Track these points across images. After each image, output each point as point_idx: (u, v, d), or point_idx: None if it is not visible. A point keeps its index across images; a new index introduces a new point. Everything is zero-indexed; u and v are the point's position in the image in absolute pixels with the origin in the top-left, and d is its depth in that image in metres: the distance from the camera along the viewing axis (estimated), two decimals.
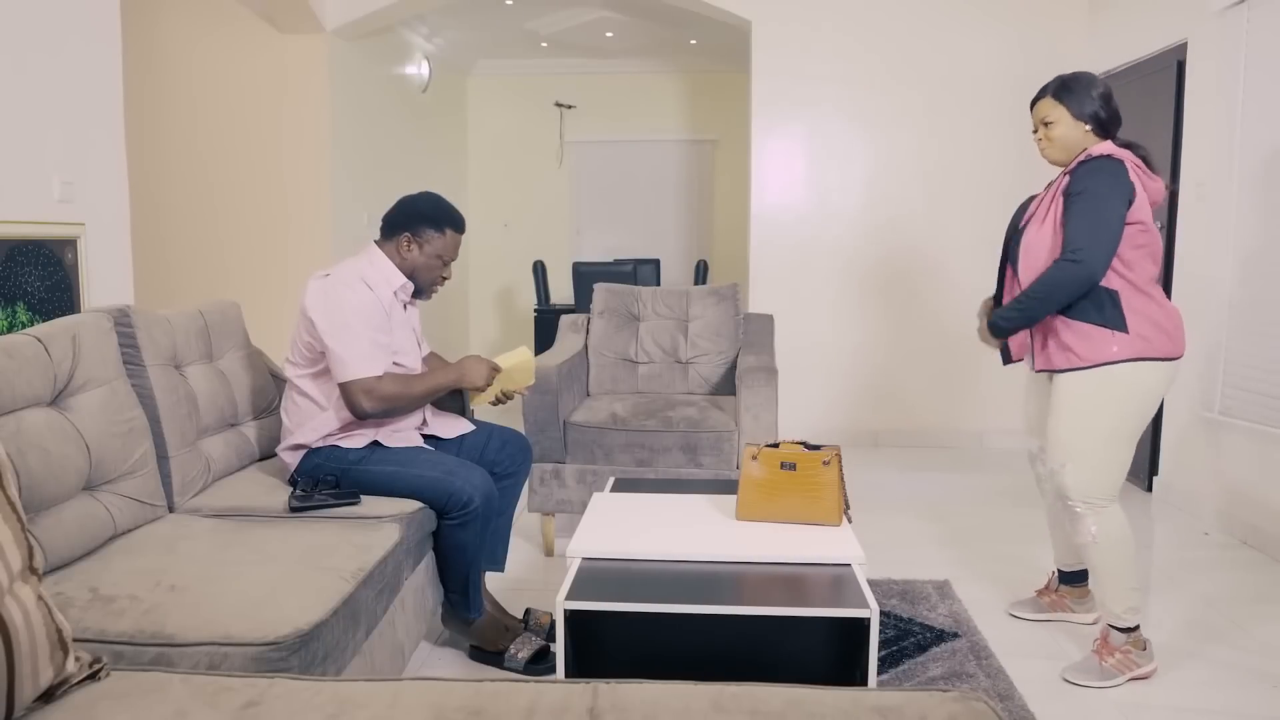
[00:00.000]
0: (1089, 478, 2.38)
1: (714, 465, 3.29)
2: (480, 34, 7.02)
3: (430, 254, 2.46)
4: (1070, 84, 2.41)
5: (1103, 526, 2.39)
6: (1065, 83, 2.42)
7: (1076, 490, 2.39)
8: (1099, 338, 2.32)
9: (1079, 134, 2.40)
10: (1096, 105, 2.38)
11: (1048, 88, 2.45)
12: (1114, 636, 2.40)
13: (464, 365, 2.47)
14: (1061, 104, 2.40)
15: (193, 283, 4.97)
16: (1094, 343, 2.33)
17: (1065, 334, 2.37)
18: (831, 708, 1.25)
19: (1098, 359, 2.32)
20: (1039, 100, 2.46)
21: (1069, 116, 2.40)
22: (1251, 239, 3.55)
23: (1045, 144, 2.45)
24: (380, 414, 2.35)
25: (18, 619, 1.20)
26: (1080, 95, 2.39)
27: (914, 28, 5.08)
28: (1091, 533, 2.39)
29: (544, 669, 2.39)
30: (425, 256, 2.45)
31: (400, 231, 2.44)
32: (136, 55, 4.26)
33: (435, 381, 2.43)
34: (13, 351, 1.83)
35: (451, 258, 2.51)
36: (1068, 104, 2.39)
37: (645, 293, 3.99)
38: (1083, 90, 2.39)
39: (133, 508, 2.05)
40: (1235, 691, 2.34)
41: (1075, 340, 2.35)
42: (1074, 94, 2.40)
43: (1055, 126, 2.41)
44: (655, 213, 8.17)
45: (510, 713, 1.24)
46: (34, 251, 2.93)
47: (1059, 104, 2.41)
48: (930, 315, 5.20)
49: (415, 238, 2.44)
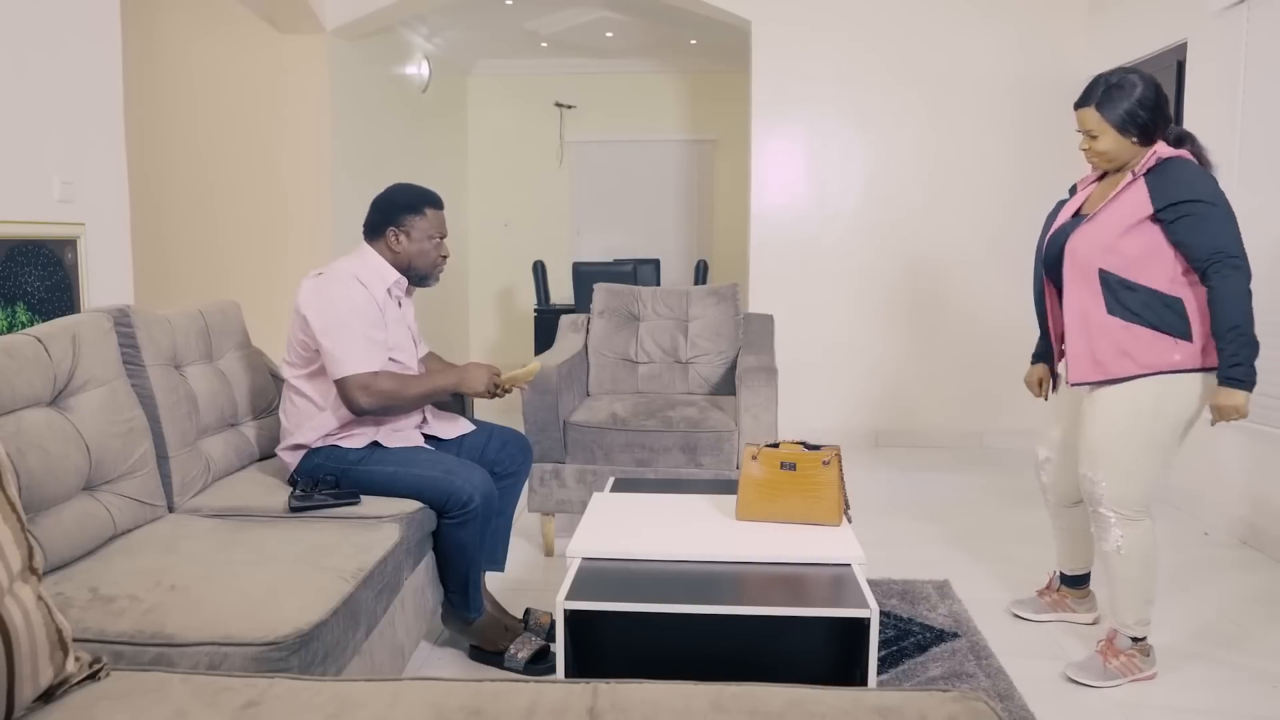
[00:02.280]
0: (1127, 490, 2.32)
1: (714, 465, 3.29)
2: (480, 34, 7.02)
3: (420, 238, 2.46)
4: (1113, 92, 2.27)
5: (1130, 538, 2.34)
6: (1108, 90, 2.28)
7: (1111, 499, 2.33)
8: (1161, 345, 2.24)
9: (1126, 146, 2.29)
10: (1141, 113, 2.25)
11: (1091, 94, 2.30)
12: (1120, 640, 2.39)
13: (466, 370, 2.48)
14: (1104, 117, 2.28)
15: (193, 283, 4.97)
16: (1156, 349, 2.25)
17: (1124, 339, 2.27)
18: (831, 708, 1.25)
19: (1158, 366, 2.25)
20: (1082, 108, 2.33)
21: (1112, 131, 2.28)
22: (1251, 239, 3.54)
23: (1093, 156, 2.35)
24: (377, 411, 2.36)
25: (18, 619, 1.20)
26: (1125, 107, 2.25)
27: (914, 28, 5.08)
28: (1118, 544, 2.34)
29: (544, 669, 2.39)
30: (416, 242, 2.46)
31: (384, 228, 2.45)
32: (136, 55, 4.26)
33: (435, 384, 2.43)
34: (13, 351, 1.83)
35: (442, 234, 2.52)
36: (1109, 115, 2.27)
37: (645, 293, 3.98)
38: (1124, 98, 2.25)
39: (133, 508, 2.05)
40: (1235, 692, 2.34)
41: (1135, 345, 2.26)
42: (1115, 103, 2.26)
43: (1101, 140, 2.30)
44: (655, 213, 8.17)
45: (510, 713, 1.24)
46: (34, 251, 2.93)
47: (1102, 117, 2.28)
48: (930, 315, 5.20)
49: (400, 228, 2.45)
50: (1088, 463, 2.38)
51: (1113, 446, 2.32)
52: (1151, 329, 2.26)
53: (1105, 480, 2.33)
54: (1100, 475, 2.34)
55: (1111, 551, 2.36)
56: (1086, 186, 2.52)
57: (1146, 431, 2.29)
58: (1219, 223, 2.20)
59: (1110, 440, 2.33)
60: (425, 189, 2.52)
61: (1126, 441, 2.31)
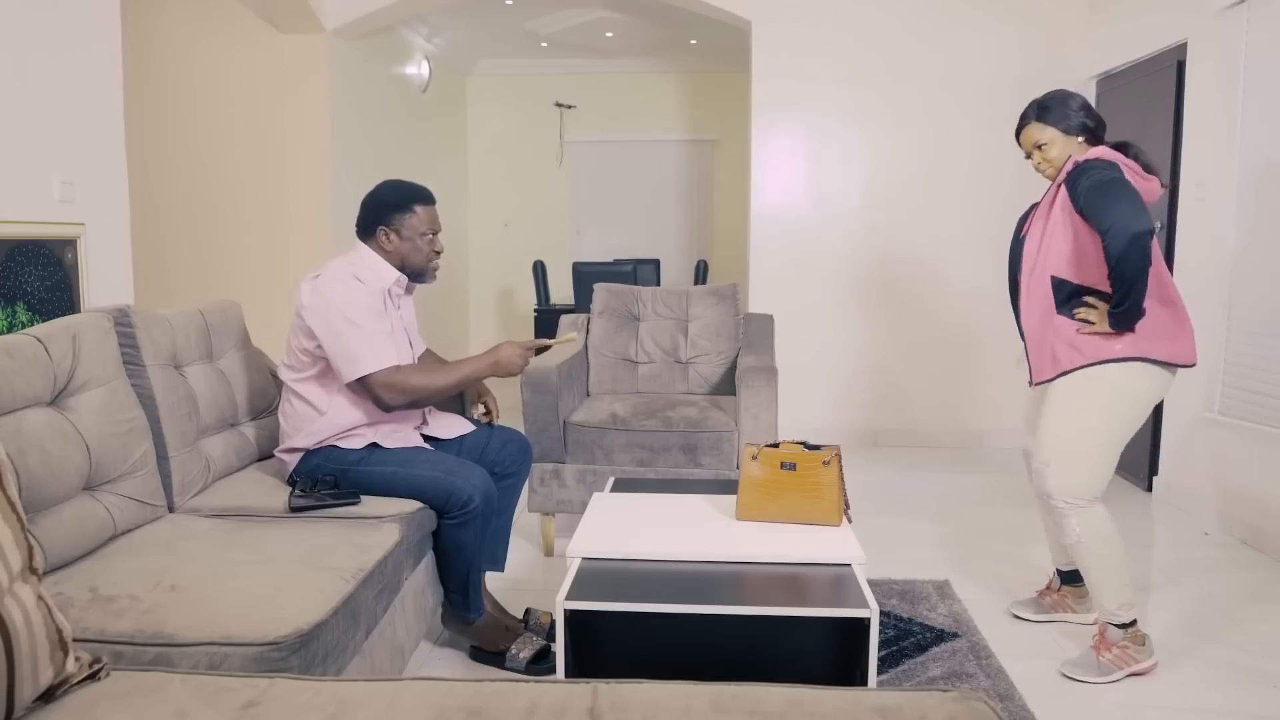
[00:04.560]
0: (1071, 477, 2.40)
1: (714, 465, 3.29)
2: (480, 34, 7.02)
3: (411, 235, 2.45)
4: (1048, 103, 2.45)
5: (1086, 526, 2.40)
6: (1043, 104, 2.46)
7: (1058, 489, 2.41)
8: (1103, 337, 2.34)
9: (1074, 147, 2.43)
10: (1081, 116, 2.41)
11: (1028, 114, 2.48)
12: (1111, 632, 2.41)
13: (499, 352, 2.44)
14: (1049, 125, 2.43)
15: (193, 283, 4.97)
16: (1096, 341, 2.34)
17: (1072, 334, 2.37)
18: (831, 708, 1.25)
19: (1099, 355, 2.34)
20: (1024, 128, 2.49)
21: (1060, 135, 2.42)
22: (1252, 239, 3.55)
23: (1044, 166, 2.47)
24: (406, 405, 2.36)
25: (18, 619, 1.20)
26: (1062, 111, 2.42)
27: (914, 28, 5.08)
28: (1076, 532, 2.41)
29: (545, 669, 2.39)
30: (407, 240, 2.45)
31: (374, 228, 2.44)
32: (136, 55, 4.26)
33: (465, 371, 2.40)
34: (13, 351, 1.83)
35: (434, 230, 2.50)
36: (1054, 123, 2.42)
37: (645, 293, 3.99)
38: (1062, 106, 2.43)
39: (133, 508, 2.05)
40: (1234, 691, 2.34)
41: (1081, 339, 2.36)
42: (1055, 112, 2.43)
43: (1050, 148, 2.44)
44: (655, 213, 8.17)
45: (510, 713, 1.24)
46: (34, 251, 2.93)
47: (1046, 125, 2.43)
48: (930, 315, 5.20)
49: (389, 227, 2.44)
50: (1038, 454, 2.46)
51: (1057, 436, 2.41)
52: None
53: (1052, 469, 2.41)
54: (1048, 465, 2.42)
55: (1074, 543, 2.43)
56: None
57: (1089, 419, 2.38)
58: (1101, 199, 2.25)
59: (1055, 430, 2.41)
60: (414, 185, 2.50)
61: (1070, 429, 2.39)
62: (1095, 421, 2.37)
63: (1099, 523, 2.41)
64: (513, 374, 2.47)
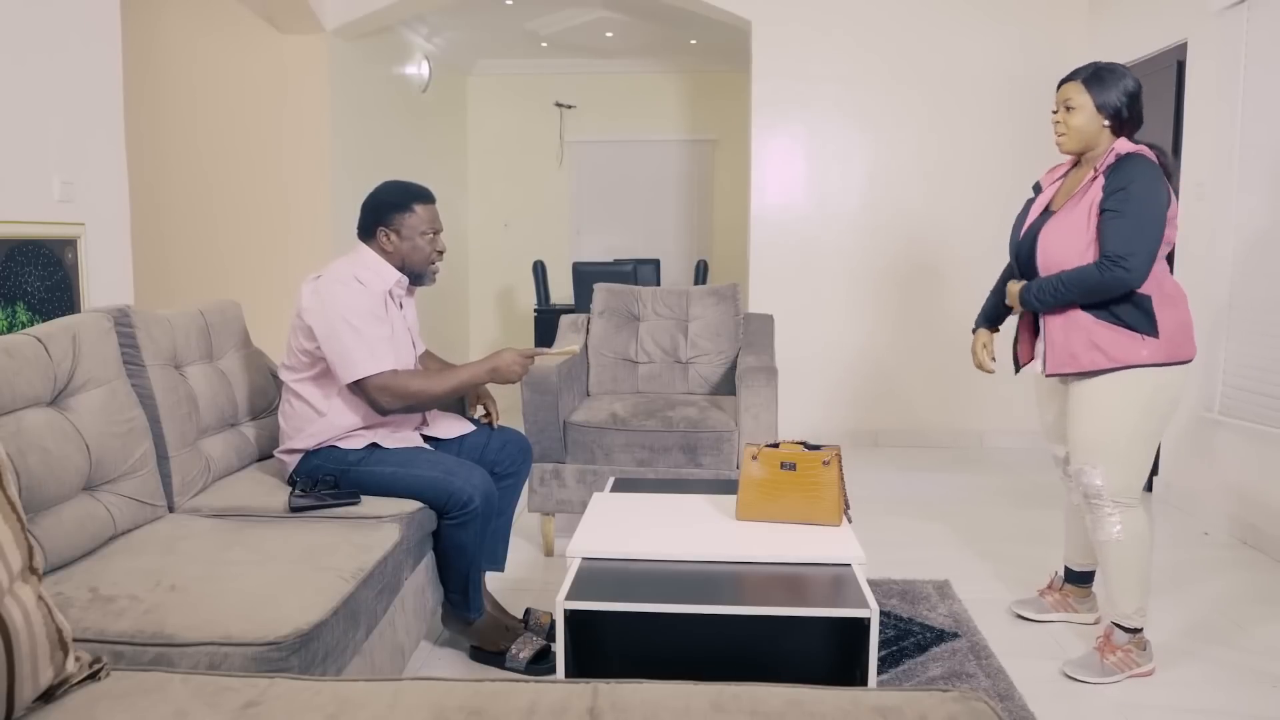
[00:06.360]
0: (1119, 478, 2.38)
1: (714, 465, 3.29)
2: (480, 34, 7.02)
3: (410, 235, 2.44)
4: (1103, 73, 2.37)
5: (1128, 526, 2.40)
6: (1098, 71, 2.38)
7: (1109, 490, 2.39)
8: (1129, 341, 2.31)
9: (1096, 127, 2.38)
10: (1122, 102, 2.35)
11: (1080, 72, 2.40)
12: (1118, 636, 2.41)
13: (499, 359, 2.44)
14: (1089, 91, 2.37)
15: (193, 283, 4.97)
16: (1124, 345, 2.31)
17: (1096, 332, 2.34)
18: (831, 707, 1.25)
19: (1126, 360, 2.31)
20: (1067, 82, 2.42)
21: (1092, 106, 2.37)
22: (1251, 239, 3.55)
23: (1062, 130, 2.42)
24: (401, 410, 2.36)
25: (18, 619, 1.20)
26: (1109, 87, 2.35)
27: (914, 28, 5.08)
28: (1116, 532, 2.40)
29: (545, 669, 2.39)
30: (407, 240, 2.44)
31: (375, 229, 2.44)
32: (136, 55, 4.26)
33: (463, 378, 2.41)
34: (13, 351, 1.83)
35: (435, 229, 2.49)
36: (1094, 93, 2.36)
37: (645, 293, 3.99)
38: (1113, 83, 2.36)
39: (133, 508, 2.05)
40: (1235, 691, 2.34)
41: (1106, 340, 2.33)
42: (1104, 84, 2.36)
43: (1076, 114, 2.38)
44: (655, 213, 8.17)
45: (510, 713, 1.24)
46: (34, 251, 2.93)
47: (1086, 91, 2.37)
48: (930, 315, 5.20)
49: (389, 227, 2.43)
50: (1083, 457, 2.43)
51: (1107, 439, 2.38)
52: (1120, 324, 2.32)
53: (1103, 472, 2.39)
54: (1097, 468, 2.40)
55: (1111, 540, 2.41)
56: (1052, 183, 2.56)
57: (1126, 423, 2.36)
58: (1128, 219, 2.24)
59: (1094, 432, 2.39)
60: (413, 185, 2.49)
61: (1113, 434, 2.37)
62: (1133, 422, 2.36)
63: (1139, 525, 2.41)
64: (511, 382, 2.46)
